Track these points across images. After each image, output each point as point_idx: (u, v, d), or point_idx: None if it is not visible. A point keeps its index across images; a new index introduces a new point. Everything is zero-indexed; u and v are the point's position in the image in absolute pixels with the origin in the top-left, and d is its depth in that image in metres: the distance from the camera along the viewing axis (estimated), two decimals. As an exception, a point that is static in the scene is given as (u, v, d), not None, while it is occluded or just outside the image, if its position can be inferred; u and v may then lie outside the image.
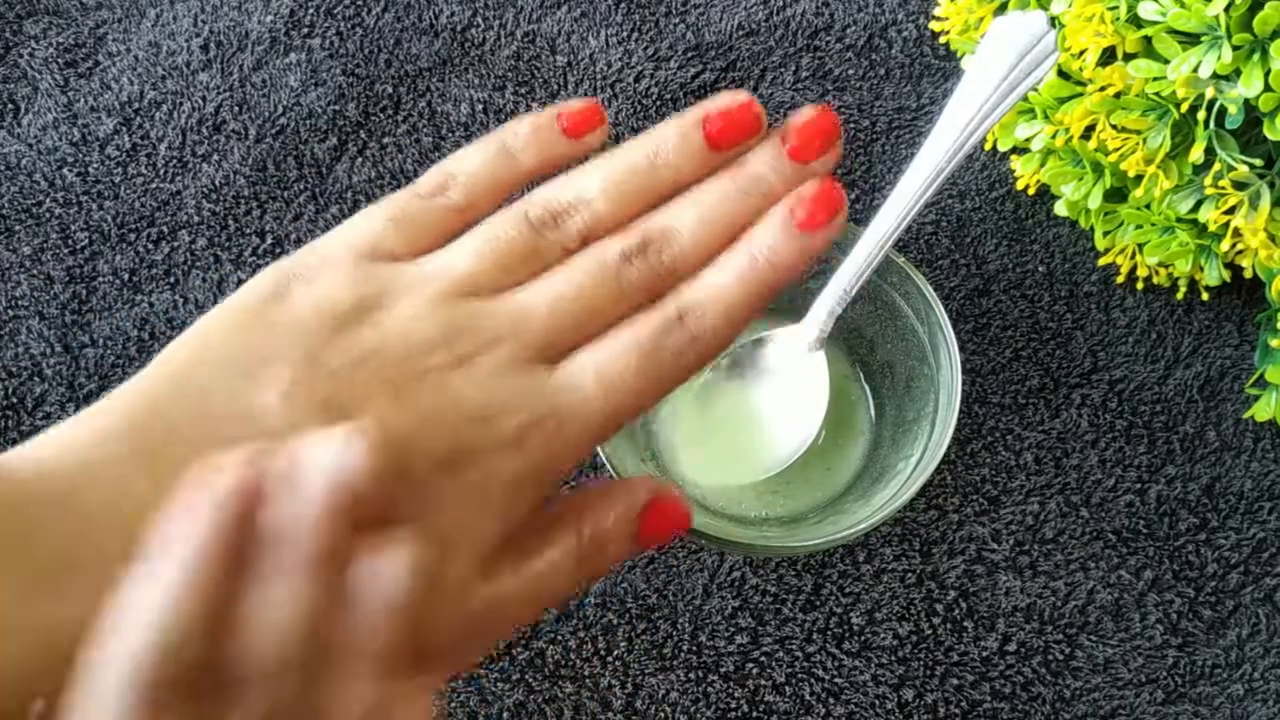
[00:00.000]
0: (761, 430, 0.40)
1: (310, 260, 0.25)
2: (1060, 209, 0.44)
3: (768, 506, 0.40)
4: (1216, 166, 0.38)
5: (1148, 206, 0.41)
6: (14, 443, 0.41)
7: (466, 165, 0.27)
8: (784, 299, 0.41)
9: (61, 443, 0.22)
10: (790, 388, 0.40)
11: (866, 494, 0.38)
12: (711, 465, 0.40)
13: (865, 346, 0.42)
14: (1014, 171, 0.45)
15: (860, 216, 0.46)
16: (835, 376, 0.40)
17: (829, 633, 0.39)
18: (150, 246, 0.45)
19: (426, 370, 0.23)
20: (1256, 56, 0.35)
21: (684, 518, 0.27)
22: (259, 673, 0.18)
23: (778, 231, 0.26)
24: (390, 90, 0.48)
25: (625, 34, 0.49)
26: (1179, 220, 0.40)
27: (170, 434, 0.22)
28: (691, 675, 0.38)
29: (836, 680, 0.38)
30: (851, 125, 0.48)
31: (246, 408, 0.23)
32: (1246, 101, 0.36)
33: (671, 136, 0.27)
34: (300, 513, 0.19)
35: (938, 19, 0.46)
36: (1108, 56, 0.39)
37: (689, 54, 0.49)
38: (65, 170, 0.46)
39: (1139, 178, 0.39)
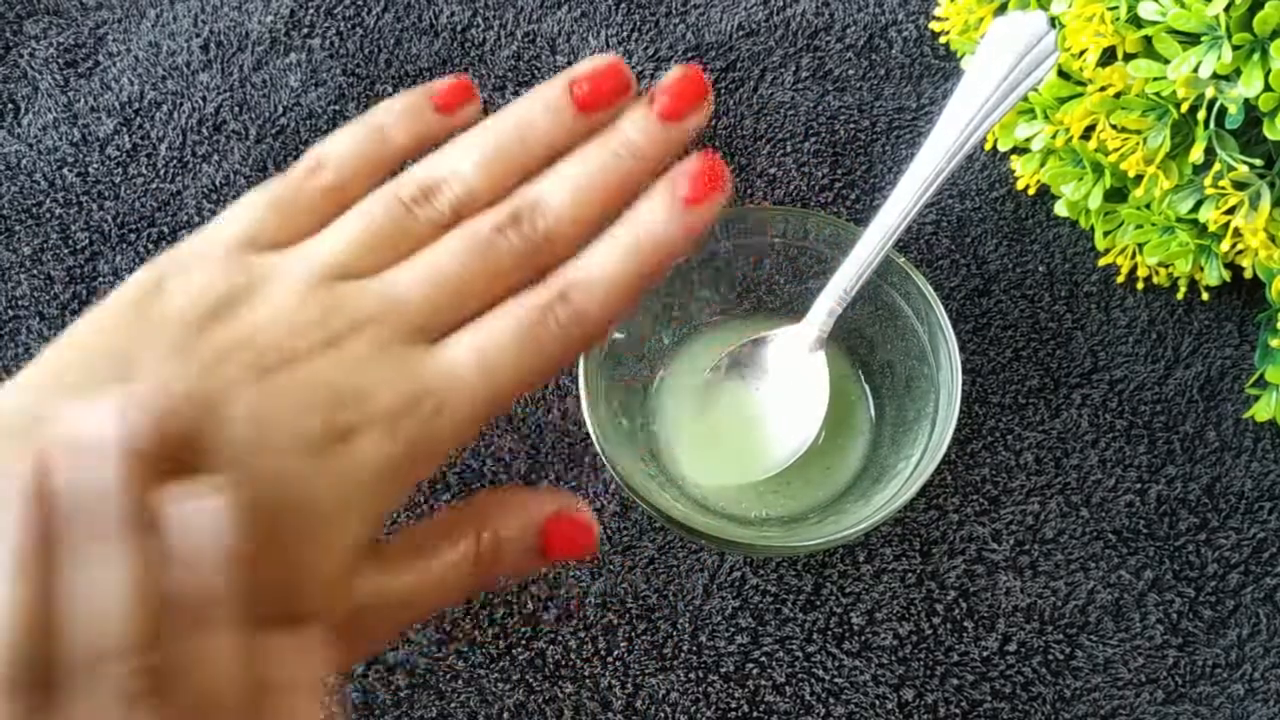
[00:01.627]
0: (761, 430, 0.40)
1: (185, 254, 0.25)
2: (1060, 209, 0.44)
3: (768, 506, 0.40)
4: (1216, 166, 0.38)
5: (1148, 206, 0.41)
6: (14, 443, 0.41)
7: (338, 147, 0.27)
8: (784, 298, 0.42)
9: None
10: (790, 388, 0.39)
11: (866, 494, 0.38)
12: (712, 465, 0.40)
13: (865, 346, 0.42)
14: (1014, 171, 0.45)
15: (860, 216, 0.46)
16: (835, 376, 0.40)
17: (829, 633, 0.39)
18: (151, 247, 0.45)
19: (295, 354, 0.23)
20: (1256, 56, 0.35)
21: (588, 540, 0.26)
22: (98, 653, 0.18)
23: (661, 208, 0.26)
24: (390, 90, 0.48)
25: (625, 34, 0.49)
26: (1179, 220, 0.40)
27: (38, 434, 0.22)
28: (692, 675, 0.38)
29: (837, 680, 0.38)
30: (851, 125, 0.48)
31: None
32: (1246, 101, 0.36)
33: (539, 103, 0.26)
34: (92, 480, 0.19)
35: (938, 19, 0.46)
36: (1108, 56, 0.39)
37: (689, 54, 0.49)
38: (65, 170, 0.46)
39: (1139, 178, 0.39)
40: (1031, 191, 0.45)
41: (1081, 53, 0.39)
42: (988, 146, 0.46)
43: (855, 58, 0.49)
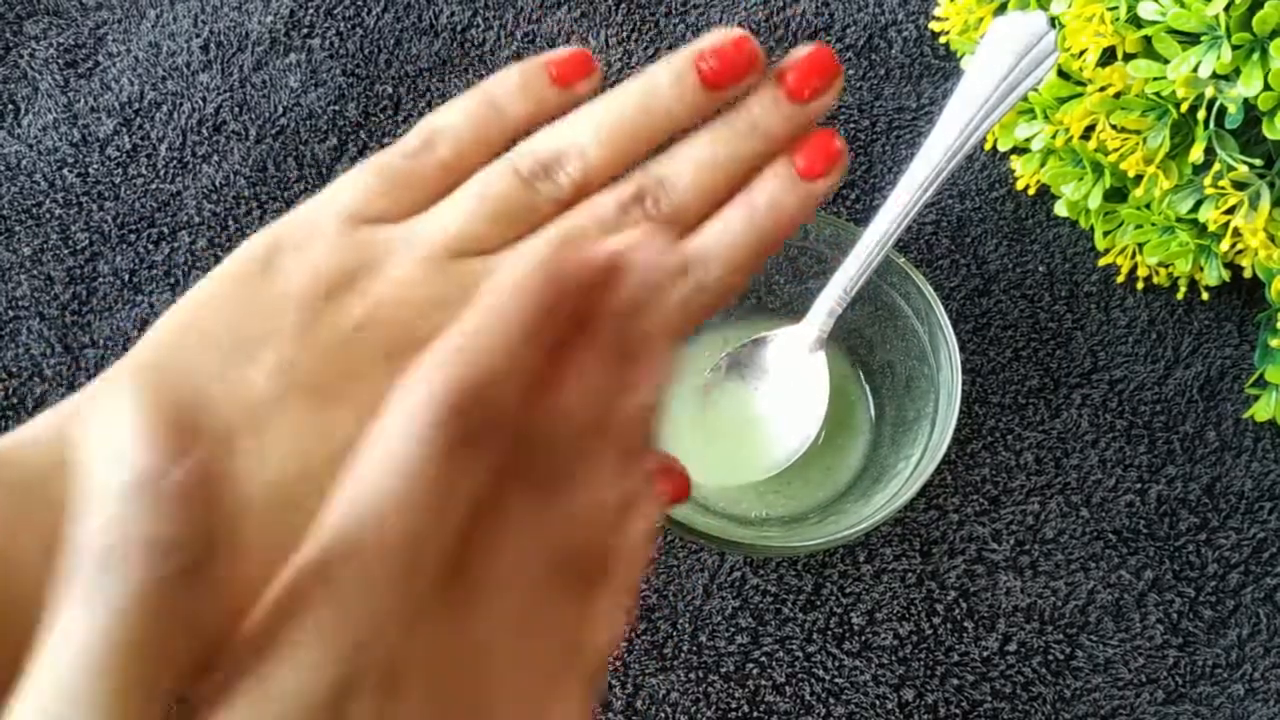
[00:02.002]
0: (761, 430, 0.40)
1: (297, 227, 0.24)
2: (1060, 209, 0.44)
3: (768, 506, 0.40)
4: (1216, 166, 0.38)
5: (1148, 206, 0.41)
6: (14, 443, 0.41)
7: (452, 120, 0.26)
8: (784, 298, 0.42)
9: (56, 418, 0.22)
10: (790, 388, 0.39)
11: (866, 494, 0.38)
12: (712, 466, 0.40)
13: (865, 346, 0.42)
14: (1014, 171, 0.45)
15: (860, 216, 0.46)
16: (835, 376, 0.40)
17: (829, 633, 0.39)
18: (150, 247, 0.45)
19: (420, 334, 0.23)
20: (1256, 56, 0.35)
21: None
22: (551, 436, 0.19)
23: (780, 180, 0.25)
24: (390, 91, 0.48)
25: (625, 34, 0.49)
26: (1179, 220, 0.40)
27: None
28: (692, 675, 0.38)
29: (837, 680, 0.38)
30: (852, 125, 0.48)
31: (234, 387, 0.22)
32: (1246, 101, 0.36)
33: (665, 78, 0.26)
34: (635, 299, 0.19)
35: (938, 19, 0.46)
36: (1108, 56, 0.39)
37: (689, 54, 0.49)
38: (65, 171, 0.46)
39: (1139, 178, 0.39)
40: (1031, 191, 0.45)
41: (1081, 53, 0.39)
42: (987, 146, 0.46)
43: (855, 58, 0.49)
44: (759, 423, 0.40)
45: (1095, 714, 0.38)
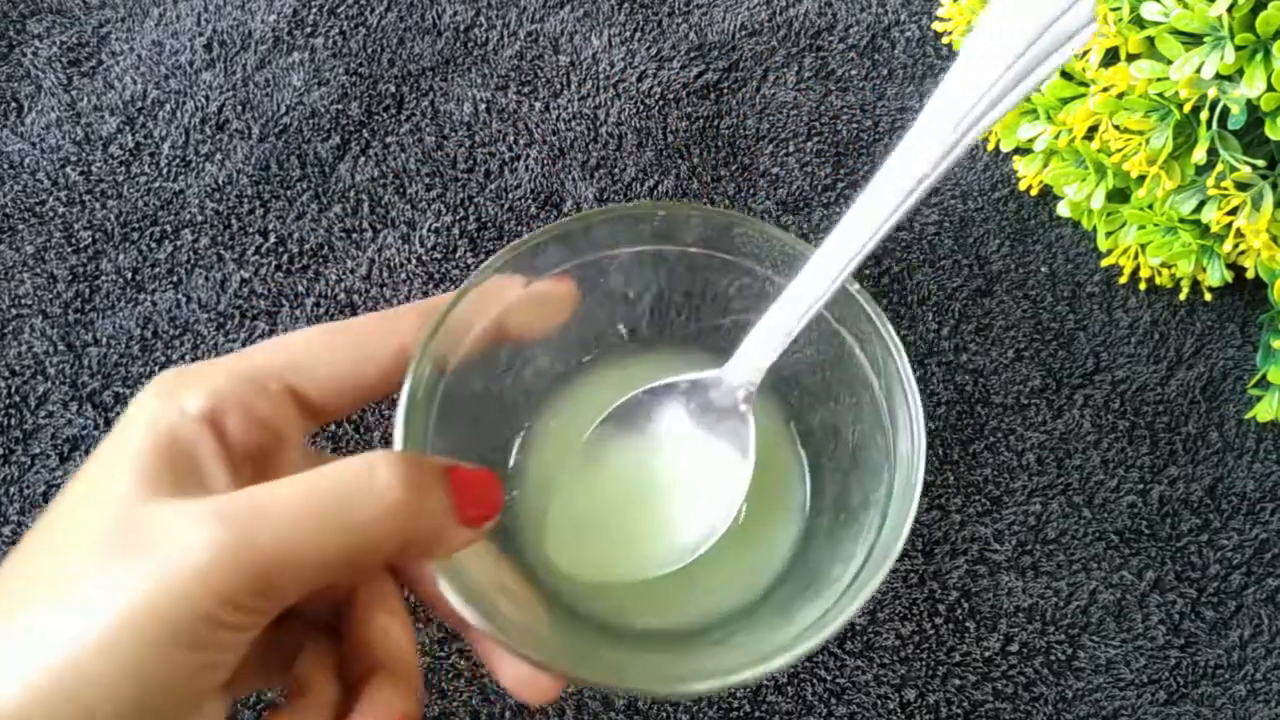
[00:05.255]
0: (662, 508, 0.30)
1: None
2: (1063, 209, 0.44)
3: (657, 613, 0.30)
4: (1219, 167, 0.38)
5: (1150, 207, 0.41)
6: (17, 441, 0.41)
7: None
8: (701, 328, 0.33)
9: None
10: (703, 454, 0.30)
11: (787, 608, 0.29)
12: (589, 553, 0.30)
13: (804, 401, 0.33)
14: (1017, 172, 0.45)
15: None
16: (762, 439, 0.30)
17: (831, 633, 0.39)
18: (153, 245, 0.45)
19: None
20: (1259, 57, 0.35)
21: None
22: None
23: None
24: (393, 89, 0.48)
25: (628, 34, 0.49)
26: (1181, 221, 0.40)
27: None
28: (693, 675, 0.38)
29: (839, 680, 0.38)
30: (854, 125, 0.48)
31: None
32: (1249, 102, 0.36)
33: None
34: None
35: (941, 19, 0.46)
36: (1111, 57, 0.39)
37: (692, 54, 0.49)
38: (68, 169, 0.46)
39: (1142, 178, 0.39)
40: (1034, 192, 0.45)
41: (1085, 53, 0.39)
42: (990, 147, 0.46)
43: (858, 58, 0.49)
44: (660, 497, 0.30)
45: (1097, 714, 0.38)
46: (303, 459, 0.26)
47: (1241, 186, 0.38)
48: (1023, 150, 0.45)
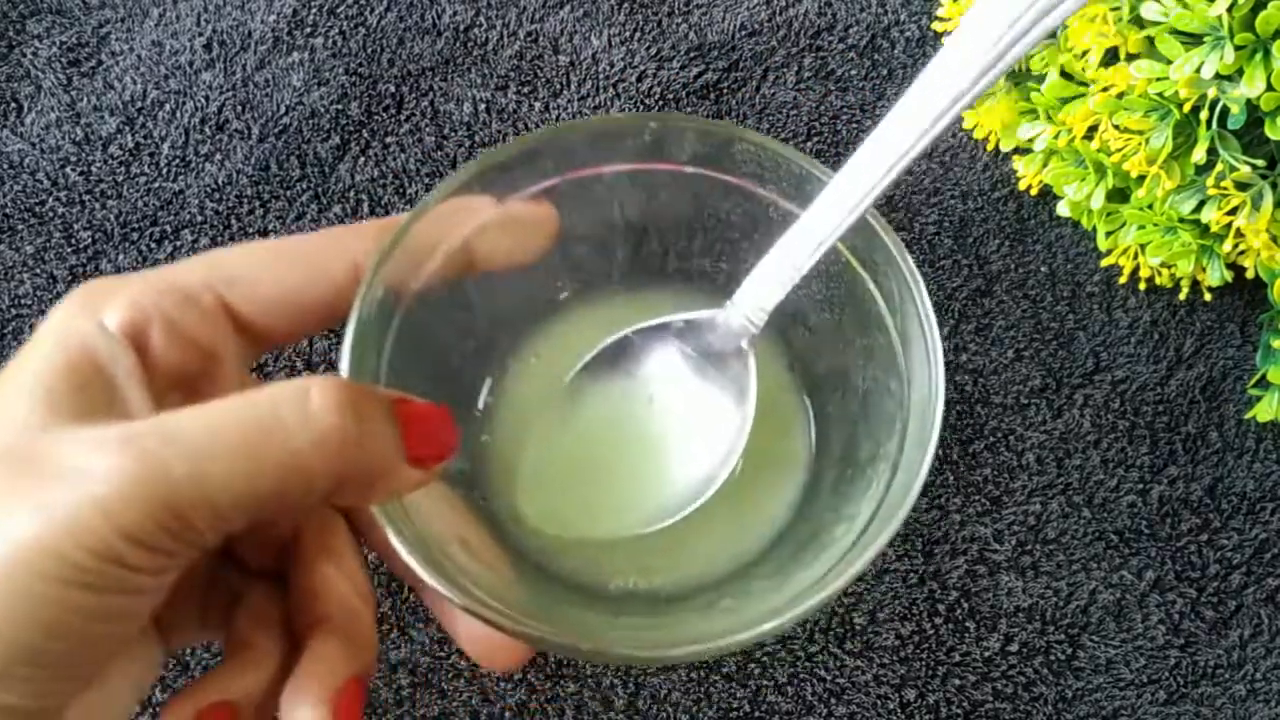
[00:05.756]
0: (652, 459, 0.27)
1: None
2: (1063, 209, 0.44)
3: (640, 574, 0.27)
4: (1219, 167, 0.38)
5: (1150, 207, 0.41)
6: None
7: None
8: (701, 261, 0.30)
9: None
10: (700, 400, 0.28)
11: (784, 569, 0.26)
12: (566, 506, 0.27)
13: (809, 343, 0.30)
14: (1016, 172, 0.45)
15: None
16: (764, 385, 0.27)
17: (831, 633, 0.39)
18: (153, 246, 0.45)
19: None
20: (1259, 56, 0.35)
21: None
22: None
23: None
24: (393, 90, 0.48)
25: (628, 34, 0.49)
26: (1181, 221, 0.40)
27: None
28: (693, 675, 0.38)
29: (838, 680, 0.38)
30: (854, 125, 0.48)
31: None
32: (1249, 102, 0.36)
33: None
34: None
35: (940, 19, 0.46)
36: (1110, 57, 0.39)
37: (691, 54, 0.49)
38: (68, 169, 0.46)
39: (1141, 178, 0.39)
40: (1034, 192, 0.45)
41: (1084, 53, 0.39)
42: (989, 147, 0.46)
43: (858, 58, 0.49)
44: (649, 447, 0.28)
45: (1097, 714, 0.38)
46: (239, 386, 0.23)
47: (1241, 186, 0.38)
48: (1022, 150, 0.45)
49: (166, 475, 0.18)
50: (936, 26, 0.47)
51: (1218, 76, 0.36)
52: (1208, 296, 0.43)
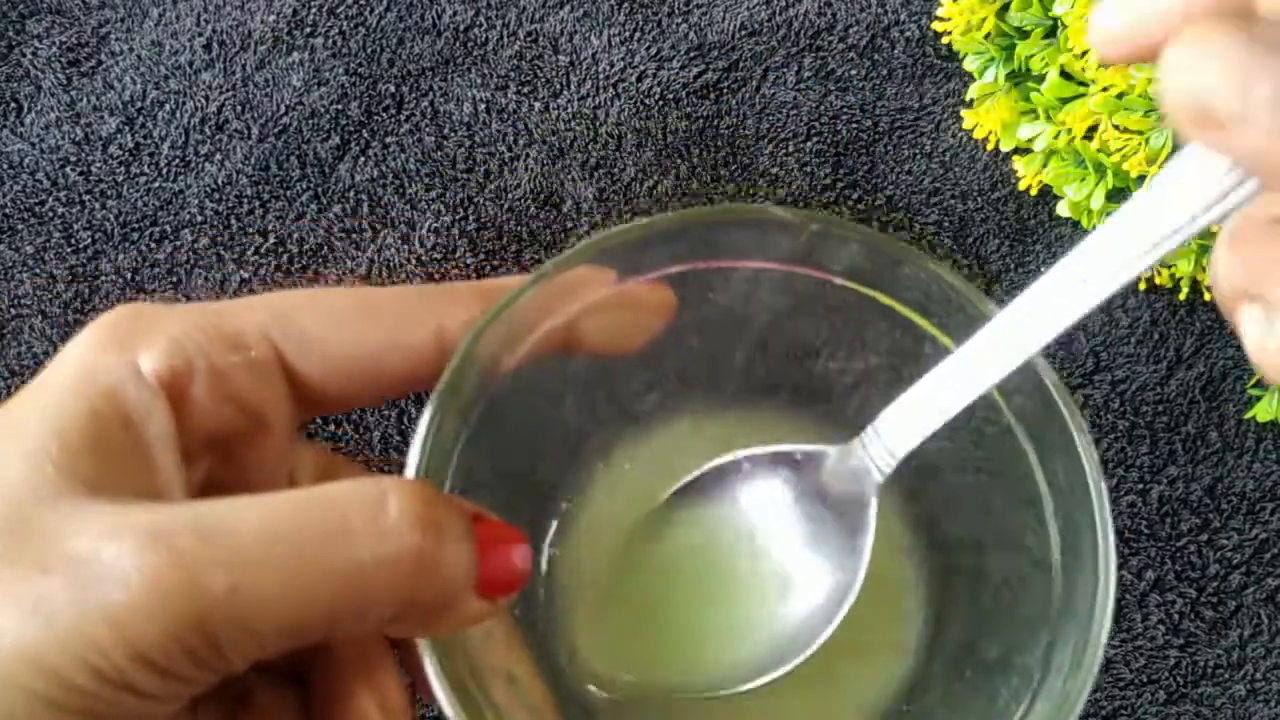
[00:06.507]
0: (737, 606, 0.23)
1: None
2: (1063, 209, 0.44)
3: None
4: (1219, 167, 0.38)
5: (1150, 207, 0.41)
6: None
7: None
8: (820, 382, 0.26)
9: None
10: (804, 548, 0.23)
11: None
12: (631, 648, 0.23)
13: (938, 506, 0.25)
14: (1016, 172, 0.45)
15: (864, 216, 0.46)
16: (877, 544, 0.23)
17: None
18: (153, 246, 0.45)
19: None
20: (1259, 57, 0.35)
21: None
22: None
23: None
24: (393, 90, 0.48)
25: (628, 34, 0.49)
26: (1181, 221, 0.40)
27: None
28: (693, 675, 0.38)
29: (838, 680, 0.38)
30: (854, 125, 0.48)
31: None
32: (1249, 102, 0.36)
33: None
34: None
35: (940, 19, 0.46)
36: (1110, 57, 0.39)
37: (691, 54, 0.49)
38: (68, 169, 0.46)
39: (1141, 178, 0.39)
40: (1034, 192, 0.45)
41: (1084, 53, 0.39)
42: (989, 147, 0.46)
43: (858, 58, 0.49)
44: (739, 592, 0.23)
45: (1096, 714, 0.38)
46: (286, 456, 0.20)
47: (1241, 186, 0.38)
48: (1022, 150, 0.45)
49: (200, 588, 0.14)
50: (936, 26, 0.47)
51: (1218, 77, 0.36)
52: (1207, 296, 0.43)
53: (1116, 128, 0.39)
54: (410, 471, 0.19)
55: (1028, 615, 0.22)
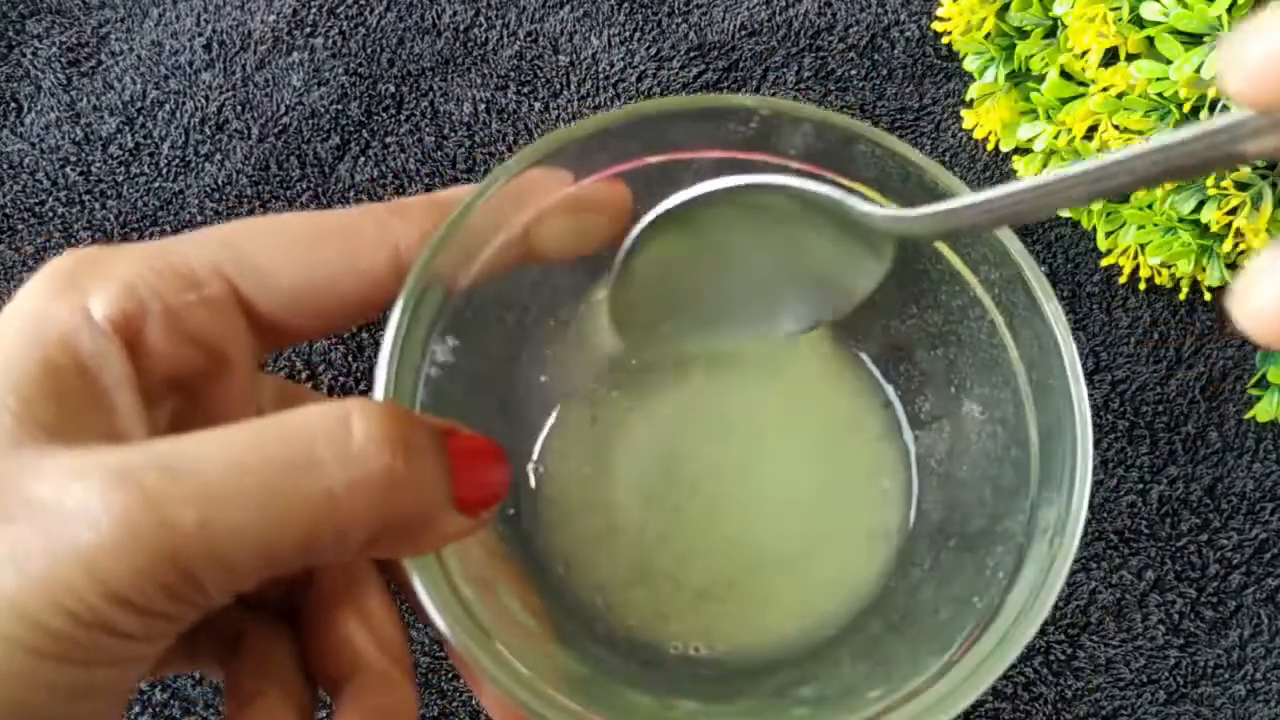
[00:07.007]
0: (754, 283, 0.23)
1: None
2: (1062, 209, 0.44)
3: (704, 633, 0.24)
4: (1219, 167, 0.38)
5: (1150, 207, 0.41)
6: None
7: None
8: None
9: None
10: (816, 250, 0.22)
11: (874, 655, 0.22)
12: (660, 314, 0.23)
13: (911, 377, 0.26)
14: (1016, 172, 0.45)
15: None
16: (854, 428, 0.24)
17: (831, 632, 0.39)
18: (153, 245, 0.45)
19: None
20: (1259, 57, 0.35)
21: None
22: None
23: None
24: (393, 90, 0.48)
25: (628, 34, 0.49)
26: (1181, 221, 0.40)
27: None
28: (693, 675, 0.38)
29: (838, 680, 0.38)
30: (854, 125, 0.48)
31: None
32: (1249, 102, 0.36)
33: None
34: None
35: (940, 19, 0.46)
36: (1110, 57, 0.39)
37: (691, 54, 0.49)
38: (68, 169, 0.46)
39: (1141, 178, 0.39)
40: (1033, 192, 0.45)
41: (1084, 53, 0.39)
42: (989, 147, 0.46)
43: (858, 58, 0.49)
44: (750, 274, 0.23)
45: (1096, 714, 0.38)
46: (250, 392, 0.19)
47: (1241, 186, 0.38)
48: (1022, 150, 0.45)
49: (171, 523, 0.14)
50: (936, 26, 0.47)
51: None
52: (1207, 296, 0.43)
53: (1116, 128, 0.39)
54: (378, 393, 0.19)
55: (1005, 485, 0.22)
